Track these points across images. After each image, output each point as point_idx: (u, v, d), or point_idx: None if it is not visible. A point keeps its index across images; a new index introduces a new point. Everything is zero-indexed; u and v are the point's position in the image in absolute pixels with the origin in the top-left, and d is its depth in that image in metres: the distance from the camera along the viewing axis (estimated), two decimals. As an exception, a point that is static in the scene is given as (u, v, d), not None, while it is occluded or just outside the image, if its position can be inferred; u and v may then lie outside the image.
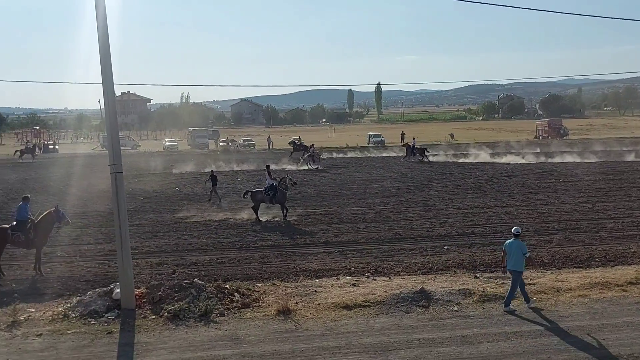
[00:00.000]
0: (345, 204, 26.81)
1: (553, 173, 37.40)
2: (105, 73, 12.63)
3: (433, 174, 39.04)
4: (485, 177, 36.46)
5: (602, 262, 16.18)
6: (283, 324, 11.73)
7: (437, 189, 31.65)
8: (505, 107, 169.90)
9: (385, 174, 39.73)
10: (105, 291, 13.13)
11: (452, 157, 49.85)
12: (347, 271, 15.90)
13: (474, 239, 19.55)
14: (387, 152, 56.98)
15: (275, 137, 79.66)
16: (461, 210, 24.43)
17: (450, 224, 21.81)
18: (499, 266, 15.89)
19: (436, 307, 12.46)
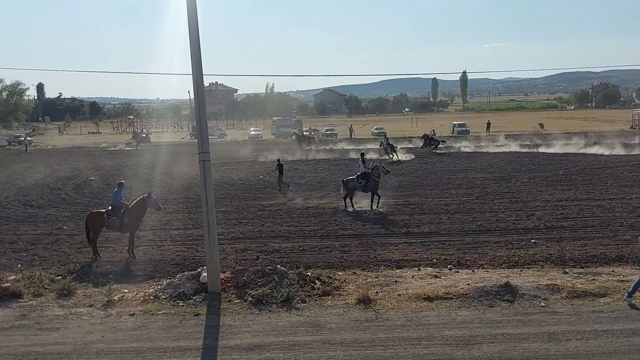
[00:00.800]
0: (427, 194, 26.48)
1: (651, 165, 35.30)
2: (195, 64, 13.05)
3: (520, 164, 37.80)
4: (576, 168, 34.90)
5: None
6: (363, 313, 11.78)
7: (524, 180, 30.63)
8: (599, 96, 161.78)
9: (470, 165, 38.86)
10: (193, 275, 13.66)
11: (540, 147, 47.95)
12: (429, 262, 15.72)
13: (564, 232, 18.79)
14: (469, 142, 55.59)
15: (358, 127, 79.68)
16: (550, 203, 23.54)
17: (538, 217, 21.07)
18: (589, 261, 15.30)
19: (522, 302, 12.11)
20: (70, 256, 17.15)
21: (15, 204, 26.53)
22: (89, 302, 12.83)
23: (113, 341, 10.69)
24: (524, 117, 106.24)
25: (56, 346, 10.48)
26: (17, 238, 19.55)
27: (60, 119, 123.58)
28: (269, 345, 10.31)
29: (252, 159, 44.47)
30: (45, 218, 22.99)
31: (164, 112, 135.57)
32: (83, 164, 44.11)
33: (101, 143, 68.07)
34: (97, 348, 10.37)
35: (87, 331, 11.20)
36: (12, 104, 72.30)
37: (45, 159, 50.02)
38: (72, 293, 13.28)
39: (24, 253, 17.59)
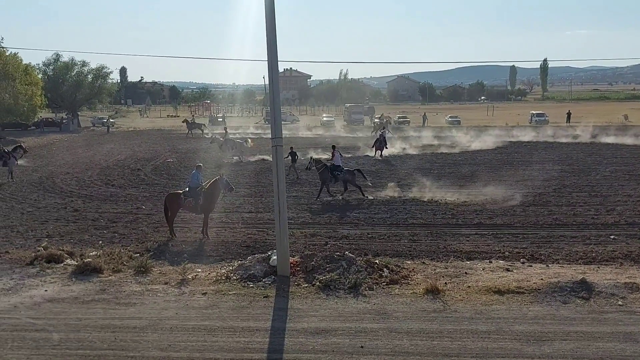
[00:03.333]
0: (501, 185, 25.80)
1: None
2: (271, 51, 13.22)
3: (602, 157, 36.22)
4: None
5: None
6: (431, 304, 11.70)
7: (605, 173, 29.35)
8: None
9: (547, 156, 37.56)
10: (264, 257, 13.95)
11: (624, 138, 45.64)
12: (501, 255, 15.38)
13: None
14: (547, 132, 53.67)
15: (431, 115, 78.50)
16: (632, 198, 22.46)
17: (618, 212, 20.17)
18: (675, 261, 14.53)
19: (598, 300, 11.67)
20: (147, 235, 17.88)
21: (98, 183, 27.89)
22: (164, 279, 13.36)
23: (185, 318, 11.11)
24: (608, 107, 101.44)
25: (132, 320, 11.00)
26: (99, 216, 20.57)
27: (142, 102, 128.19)
28: (335, 330, 10.43)
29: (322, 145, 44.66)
30: (125, 197, 24.04)
31: (239, 96, 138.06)
32: (162, 146, 45.70)
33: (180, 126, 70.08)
34: (170, 324, 10.81)
35: (162, 307, 11.68)
36: (96, 87, 75.48)
37: (127, 140, 52.15)
38: (149, 270, 13.86)
39: (105, 230, 18.50)
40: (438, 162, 34.36)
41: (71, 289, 12.78)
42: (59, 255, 14.72)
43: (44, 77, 71.53)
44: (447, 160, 35.70)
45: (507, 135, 50.14)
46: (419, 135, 52.31)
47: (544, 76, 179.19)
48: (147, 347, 9.88)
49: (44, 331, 10.57)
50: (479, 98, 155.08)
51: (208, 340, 10.15)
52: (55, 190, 26.14)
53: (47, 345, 10.01)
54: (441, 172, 29.95)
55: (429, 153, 39.46)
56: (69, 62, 73.67)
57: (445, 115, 76.01)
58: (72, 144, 48.83)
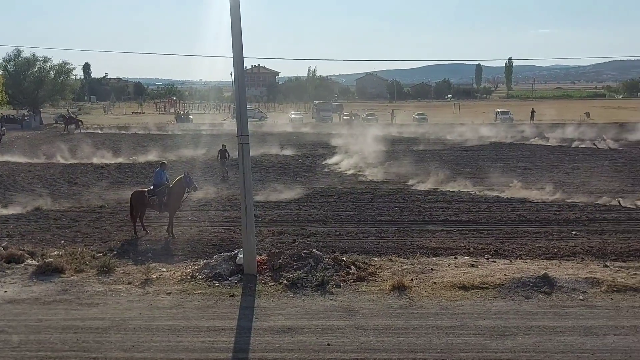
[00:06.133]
0: (465, 181, 26.09)
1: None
2: (236, 47, 13.11)
3: (565, 154, 36.98)
4: (622, 160, 33.99)
5: None
6: (397, 300, 11.77)
7: (567, 170, 29.99)
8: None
9: (512, 153, 38.21)
10: (230, 256, 13.85)
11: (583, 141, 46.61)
12: (466, 251, 15.58)
13: (606, 225, 18.35)
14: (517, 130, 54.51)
15: (399, 112, 79.07)
16: (593, 195, 22.97)
17: (580, 208, 20.62)
18: (632, 255, 14.92)
19: (559, 295, 11.90)
20: (111, 234, 17.60)
21: (60, 181, 27.34)
22: (128, 279, 13.16)
23: (150, 319, 10.96)
24: (571, 105, 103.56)
25: (95, 321, 10.80)
26: (61, 215, 20.15)
27: (106, 98, 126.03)
28: (302, 329, 10.41)
29: (292, 141, 44.61)
30: (89, 196, 23.59)
31: (205, 93, 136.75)
32: (127, 144, 45.02)
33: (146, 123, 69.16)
34: (134, 325, 10.65)
35: (125, 308, 11.50)
36: (59, 83, 73.82)
37: (90, 137, 51.19)
38: (112, 270, 13.64)
39: (67, 230, 18.14)
40: (406, 159, 34.55)
41: (32, 290, 12.50)
42: (20, 255, 14.37)
43: (4, 73, 69.82)
44: (416, 156, 35.96)
45: (474, 133, 50.73)
46: (388, 132, 52.61)
47: (509, 75, 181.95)
48: (109, 348, 9.72)
49: (3, 333, 10.31)
50: (445, 96, 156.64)
51: (172, 340, 10.03)
52: (17, 188, 25.54)
53: (6, 348, 9.76)
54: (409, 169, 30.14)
55: (398, 149, 39.67)
56: (30, 57, 71.93)
57: (413, 113, 76.55)
58: (34, 141, 47.73)
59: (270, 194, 23.24)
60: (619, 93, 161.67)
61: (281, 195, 23.14)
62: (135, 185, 24.09)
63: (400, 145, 42.26)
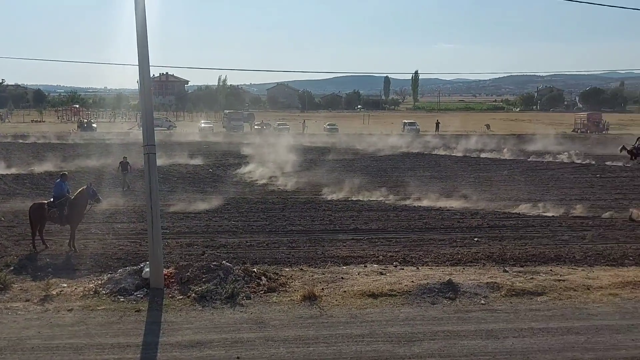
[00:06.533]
0: (374, 191, 26.63)
1: (590, 168, 36.57)
2: (142, 54, 12.75)
3: (467, 164, 38.62)
4: (520, 169, 35.91)
5: (636, 261, 15.73)
6: (308, 310, 11.80)
7: (469, 179, 31.30)
8: (544, 99, 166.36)
9: (419, 163, 39.46)
10: (136, 270, 13.39)
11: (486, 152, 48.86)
12: (375, 259, 15.86)
13: (505, 231, 19.28)
14: (424, 140, 56.37)
15: (310, 122, 79.81)
16: (493, 203, 24.09)
17: (481, 216, 21.55)
18: (529, 260, 15.73)
19: (463, 300, 12.36)
20: (8, 249, 16.56)
21: (-50, 194, 25.46)
22: (25, 296, 12.43)
23: (49, 337, 10.38)
24: (472, 117, 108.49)
25: (-12, 342, 10.10)
26: (-50, 229, 18.75)
27: (2, 106, 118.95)
28: (211, 342, 10.21)
29: (201, 151, 43.91)
30: (-18, 209, 22.11)
31: (111, 101, 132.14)
32: (25, 153, 42.64)
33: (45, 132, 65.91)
34: (32, 344, 10.05)
35: (23, 327, 10.85)
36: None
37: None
38: (9, 287, 12.85)
39: (-42, 245, 16.89)
40: (318, 168, 34.85)
41: None
42: None
43: None
44: (327, 166, 36.33)
45: (383, 143, 51.95)
46: (300, 141, 52.91)
47: (415, 87, 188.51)
48: (3, 372, 9.11)
49: None
50: (355, 107, 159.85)
51: (74, 359, 9.55)
52: None
53: None
54: (321, 178, 30.40)
55: (310, 159, 39.94)
56: None
57: (324, 123, 77.49)
58: None
59: (179, 205, 22.71)
60: (516, 106, 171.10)
61: (190, 206, 22.67)
62: (35, 197, 22.83)
63: (312, 155, 42.60)
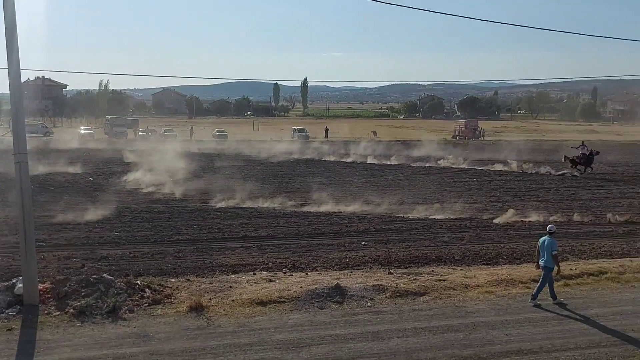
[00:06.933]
0: (265, 198, 26.61)
1: (468, 172, 38.67)
2: (11, 55, 11.93)
3: (355, 170, 39.56)
4: (404, 174, 37.28)
5: (509, 260, 16.86)
6: (195, 321, 11.53)
7: (358, 185, 32.05)
8: (426, 107, 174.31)
9: (309, 169, 39.89)
10: (7, 286, 12.48)
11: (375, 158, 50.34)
12: (265, 266, 15.82)
13: (391, 234, 19.94)
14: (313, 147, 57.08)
15: (199, 128, 78.48)
16: (381, 207, 24.81)
17: (368, 220, 22.12)
18: (412, 262, 16.36)
19: (350, 303, 12.60)
20: None
21: None
22: None
23: None
24: (360, 124, 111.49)
25: None
26: None
27: None
28: (91, 359, 9.69)
29: (82, 159, 41.84)
30: None
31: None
32: None
33: None
34: None
35: None
36: None
37: None
38: None
39: None
40: (207, 175, 34.24)
41: None
42: None
43: None
44: (217, 173, 35.80)
45: (273, 149, 52.01)
46: (188, 148, 51.74)
47: (305, 94, 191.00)
48: None
49: None
50: (245, 113, 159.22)
51: None
52: None
53: None
54: (210, 185, 29.89)
55: (198, 166, 39.15)
56: None
57: (213, 129, 76.46)
58: None
59: (56, 216, 21.44)
60: (401, 113, 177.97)
61: (69, 216, 21.46)
62: None
63: (201, 162, 41.82)
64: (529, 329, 11.38)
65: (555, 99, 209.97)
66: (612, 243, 19.00)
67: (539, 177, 36.75)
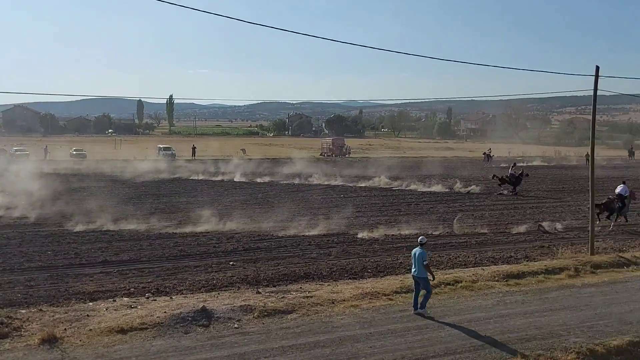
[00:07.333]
0: (128, 220, 25.46)
1: (335, 189, 39.62)
2: None
3: (223, 188, 39.12)
4: (274, 192, 37.43)
5: (373, 273, 17.40)
6: (47, 354, 10.68)
7: (226, 204, 31.66)
8: (295, 125, 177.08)
9: (175, 189, 38.85)
10: None
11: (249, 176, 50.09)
12: (126, 292, 15.08)
13: (259, 253, 19.84)
14: (180, 165, 55.70)
15: (55, 147, 73.87)
16: (248, 225, 24.66)
17: (237, 239, 21.87)
18: (281, 280, 16.37)
19: (217, 325, 12.31)
20: None
21: None
22: None
23: None
24: (229, 142, 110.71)
25: None
26: None
27: None
28: None
29: None
30: None
31: None
32: None
33: None
34: None
35: None
36: None
37: None
38: None
39: None
40: (63, 197, 32.16)
41: None
42: None
43: None
44: (74, 195, 33.76)
45: (137, 169, 50.07)
46: (42, 168, 48.41)
47: (170, 111, 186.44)
48: None
49: None
50: (106, 131, 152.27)
51: None
52: None
53: None
54: (66, 208, 28.09)
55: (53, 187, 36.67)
56: None
57: (71, 148, 72.28)
58: None
59: None
60: (270, 131, 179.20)
61: None
62: None
63: (57, 183, 39.23)
64: (391, 340, 11.73)
65: (414, 117, 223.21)
66: (466, 253, 20.24)
67: (401, 192, 38.46)
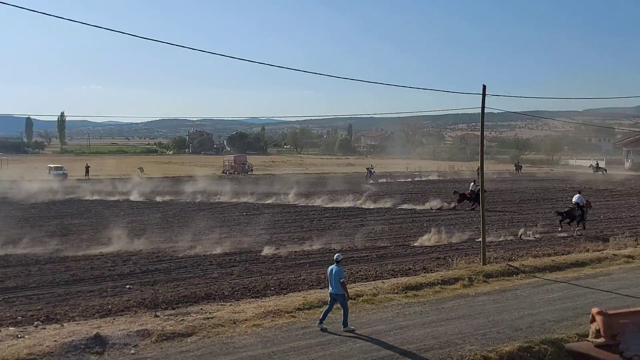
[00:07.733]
0: (16, 244, 23.90)
1: (237, 207, 39.23)
2: None
3: (119, 209, 37.69)
4: (173, 211, 36.51)
5: (276, 291, 17.29)
6: None
7: (122, 224, 30.48)
8: (196, 142, 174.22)
9: (67, 210, 36.97)
10: None
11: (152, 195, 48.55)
12: (13, 321, 14.12)
13: (158, 275, 19.22)
14: (72, 185, 53.08)
15: None
16: (146, 246, 23.86)
17: (134, 262, 21.09)
18: (181, 302, 15.92)
19: (112, 352, 11.74)
20: None
21: None
22: None
23: None
24: (126, 160, 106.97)
25: None
26: None
27: None
28: None
29: None
30: None
31: None
32: None
33: None
34: None
35: None
36: None
37: None
38: None
39: None
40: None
41: None
42: None
43: None
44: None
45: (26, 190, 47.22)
46: None
47: (62, 129, 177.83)
48: None
49: None
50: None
51: None
52: None
53: None
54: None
55: None
56: None
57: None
58: None
59: None
60: (170, 149, 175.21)
61: None
62: None
63: None
64: (294, 358, 11.65)
65: (316, 134, 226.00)
66: (367, 267, 20.61)
67: (304, 208, 38.69)
